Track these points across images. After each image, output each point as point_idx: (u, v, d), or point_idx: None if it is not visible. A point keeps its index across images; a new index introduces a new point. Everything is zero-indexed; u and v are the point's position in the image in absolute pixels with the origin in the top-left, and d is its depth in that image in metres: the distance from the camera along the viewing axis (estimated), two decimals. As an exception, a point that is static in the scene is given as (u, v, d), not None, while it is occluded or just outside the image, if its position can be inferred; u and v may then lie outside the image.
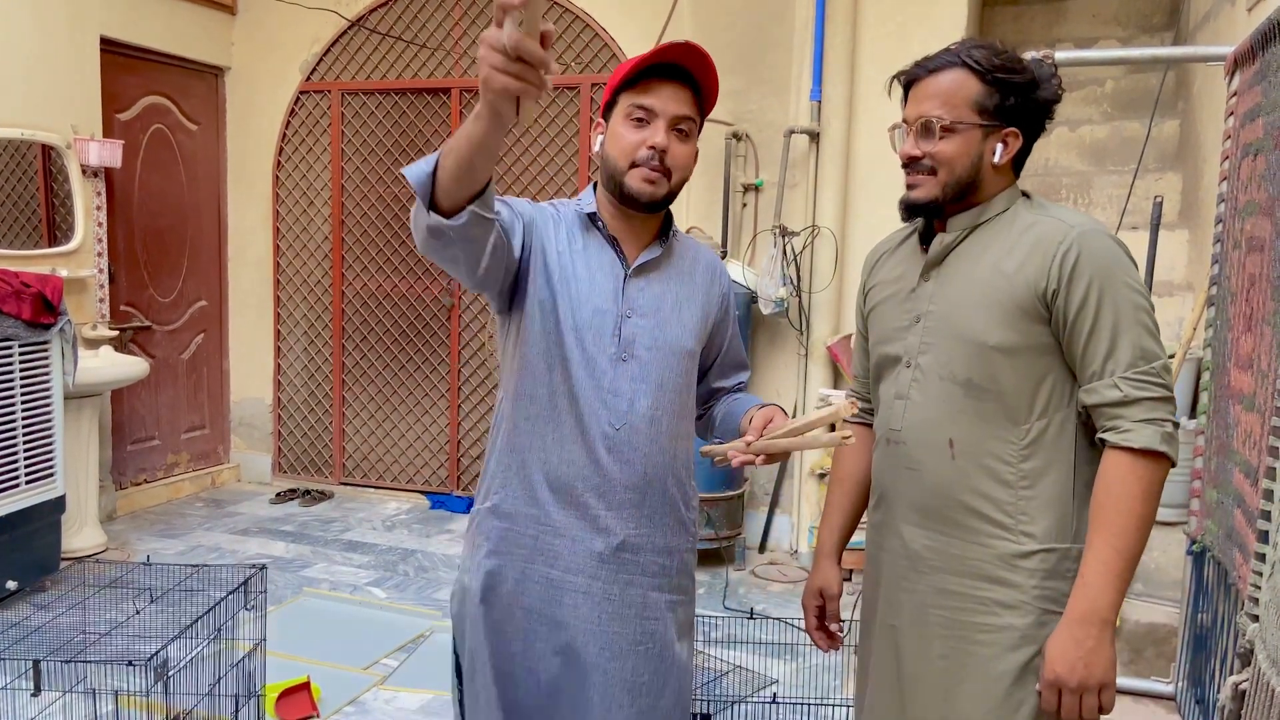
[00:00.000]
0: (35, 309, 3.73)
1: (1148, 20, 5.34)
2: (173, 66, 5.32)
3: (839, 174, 4.52)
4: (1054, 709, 1.47)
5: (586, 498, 1.64)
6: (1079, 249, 1.47)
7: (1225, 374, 2.54)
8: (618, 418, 1.64)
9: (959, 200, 1.58)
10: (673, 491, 1.73)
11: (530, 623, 1.67)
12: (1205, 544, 2.64)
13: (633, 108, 1.61)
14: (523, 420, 1.67)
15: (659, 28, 4.80)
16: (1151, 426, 1.44)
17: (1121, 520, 1.44)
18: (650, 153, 1.59)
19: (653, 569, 1.69)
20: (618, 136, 1.62)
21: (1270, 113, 2.24)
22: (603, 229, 1.69)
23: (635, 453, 1.65)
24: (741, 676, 3.34)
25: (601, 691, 1.65)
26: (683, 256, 1.76)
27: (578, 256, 1.66)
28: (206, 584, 2.83)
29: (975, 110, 1.53)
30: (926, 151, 1.55)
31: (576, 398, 1.63)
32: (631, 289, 1.67)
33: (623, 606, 1.66)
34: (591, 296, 1.65)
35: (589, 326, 1.64)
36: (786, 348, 4.71)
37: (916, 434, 1.61)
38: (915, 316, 1.63)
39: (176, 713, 2.61)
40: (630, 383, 1.65)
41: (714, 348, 1.85)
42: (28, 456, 3.79)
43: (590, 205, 1.70)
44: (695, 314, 1.74)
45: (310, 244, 5.63)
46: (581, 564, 1.65)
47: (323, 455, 5.75)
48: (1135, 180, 3.75)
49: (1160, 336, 1.49)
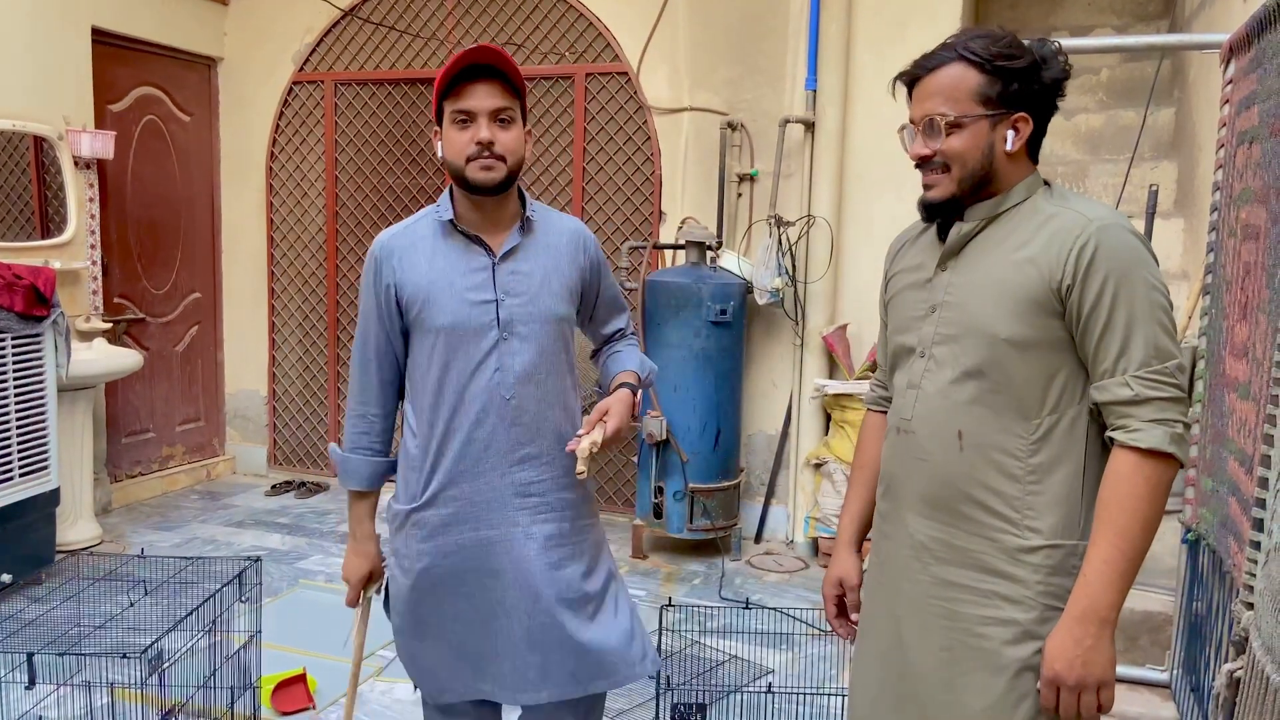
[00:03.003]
0: (28, 301, 3.72)
1: (1143, 8, 5.32)
2: (165, 57, 5.29)
3: (834, 164, 4.51)
4: (1053, 706, 1.47)
5: (496, 460, 1.91)
6: (1096, 243, 1.45)
7: (1220, 362, 2.54)
8: (506, 388, 1.89)
9: (977, 193, 1.56)
10: (565, 434, 1.96)
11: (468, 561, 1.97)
12: (1200, 532, 2.65)
13: (455, 113, 1.85)
14: (423, 417, 1.93)
15: (654, 17, 4.78)
16: (1161, 427, 1.42)
17: (1125, 519, 1.43)
18: (478, 148, 1.83)
19: (558, 504, 1.97)
20: (450, 141, 1.86)
21: (1265, 100, 2.24)
22: (464, 231, 1.91)
23: (527, 412, 1.91)
24: (737, 666, 3.35)
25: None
26: (546, 231, 1.99)
27: (438, 264, 1.90)
28: (201, 576, 2.83)
29: (979, 101, 1.51)
30: (936, 149, 1.54)
31: (465, 384, 1.89)
32: (502, 275, 1.90)
33: (551, 540, 1.96)
34: (459, 294, 1.88)
35: (464, 321, 1.88)
36: (782, 338, 4.71)
37: (926, 424, 1.60)
38: (931, 306, 1.61)
39: (172, 705, 2.60)
40: (513, 357, 1.89)
41: (589, 303, 2.08)
42: (21, 449, 3.78)
43: (448, 212, 1.92)
44: (563, 282, 1.97)
45: (304, 235, 5.61)
46: (505, 515, 1.94)
47: (318, 447, 5.74)
48: (1131, 169, 3.74)
49: (1177, 333, 1.48)
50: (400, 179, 5.39)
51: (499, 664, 1.94)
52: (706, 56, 4.76)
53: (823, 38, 4.47)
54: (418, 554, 1.94)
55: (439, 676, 1.99)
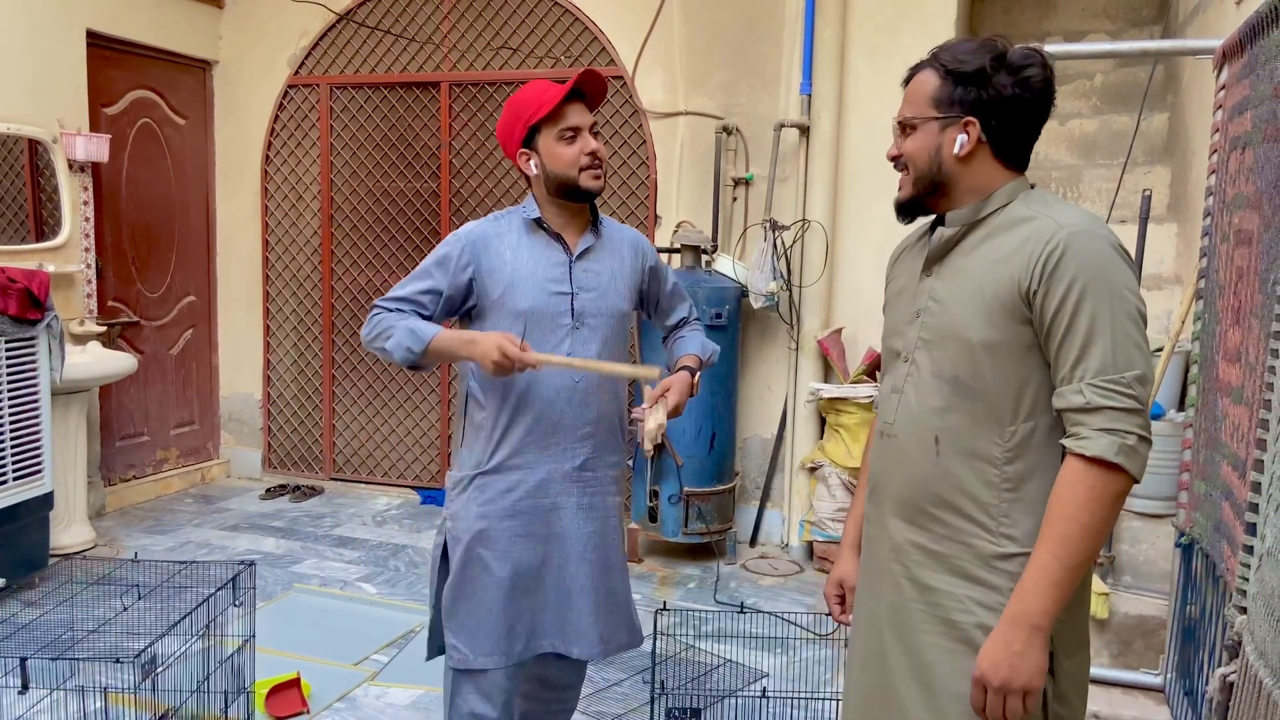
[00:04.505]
0: (21, 304, 3.71)
1: (1137, 14, 5.34)
2: (160, 60, 5.29)
3: (829, 168, 4.52)
4: (980, 707, 1.47)
5: (562, 437, 2.15)
6: (1064, 248, 1.44)
7: (1213, 367, 2.55)
8: (575, 373, 2.12)
9: (932, 195, 1.60)
10: (615, 421, 2.25)
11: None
12: (1193, 536, 2.65)
13: (563, 131, 2.09)
14: (495, 391, 2.13)
15: (649, 21, 4.78)
16: (1110, 437, 1.40)
17: (1064, 528, 1.42)
18: (590, 158, 2.10)
19: (605, 479, 2.24)
20: (559, 155, 2.09)
21: (1258, 106, 2.25)
22: (548, 229, 2.16)
23: (591, 396, 2.16)
24: (732, 670, 3.35)
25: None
26: (611, 238, 2.25)
27: (522, 255, 2.14)
28: (196, 580, 2.82)
29: (931, 104, 1.56)
30: (902, 151, 1.61)
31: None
32: (577, 271, 2.16)
33: (590, 510, 2.22)
34: (540, 284, 2.12)
35: (543, 307, 2.11)
36: (777, 342, 4.71)
37: (906, 429, 1.61)
38: (915, 312, 1.63)
39: (165, 709, 2.60)
40: (583, 345, 2.14)
41: (652, 298, 2.37)
42: (15, 453, 3.77)
43: (534, 212, 2.17)
44: (627, 282, 2.24)
45: (300, 239, 5.61)
46: (564, 488, 2.18)
47: (313, 451, 5.74)
48: (1124, 174, 3.76)
49: (1147, 345, 1.46)
50: (395, 182, 5.39)
51: (561, 620, 2.18)
52: (702, 61, 4.76)
53: (818, 42, 4.48)
54: (477, 516, 2.14)
55: (480, 638, 2.15)
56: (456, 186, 5.28)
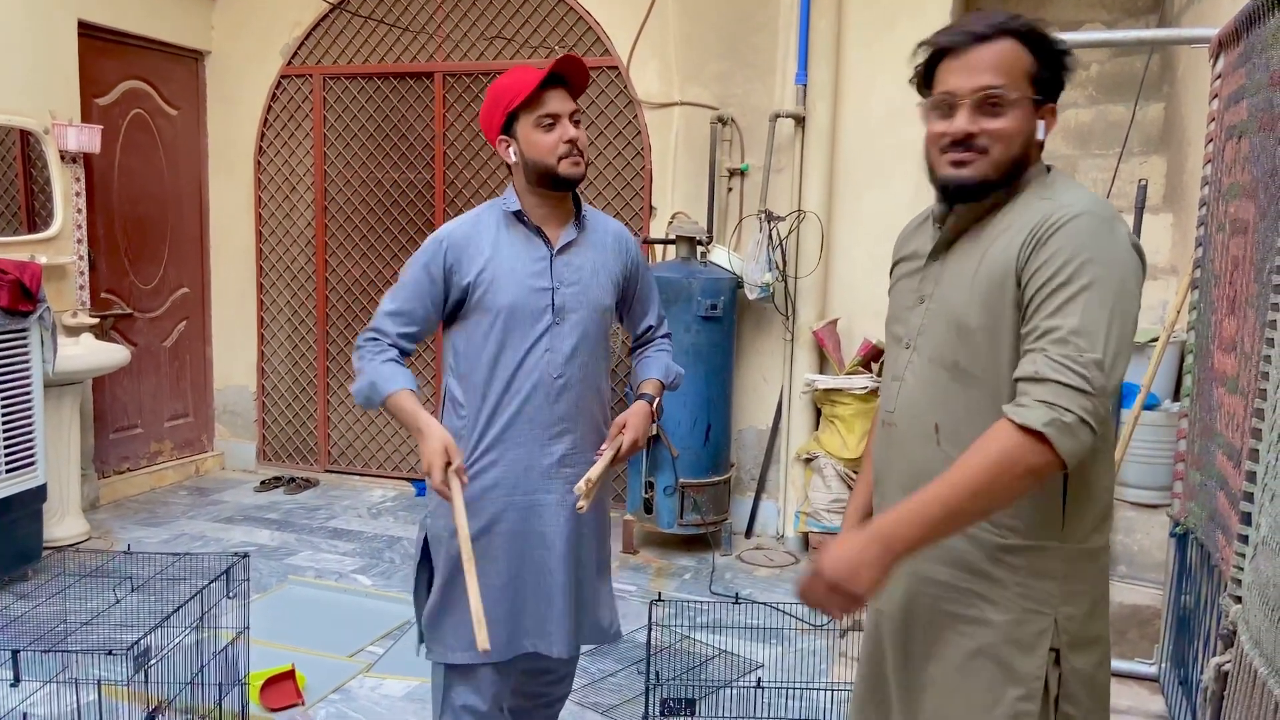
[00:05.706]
0: (13, 296, 3.69)
1: (1132, 3, 5.33)
2: (152, 50, 5.26)
3: (824, 158, 4.51)
4: (804, 587, 1.42)
5: (538, 432, 2.12)
6: (1059, 225, 1.39)
7: (1209, 357, 2.55)
8: (555, 368, 2.11)
9: (1005, 183, 1.47)
10: (596, 414, 2.22)
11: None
12: (1188, 526, 2.66)
13: (541, 118, 2.04)
14: (475, 391, 2.12)
15: (644, 10, 4.76)
16: (1046, 409, 1.31)
17: (961, 476, 1.35)
18: (568, 146, 2.05)
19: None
20: (537, 143, 2.05)
21: (1254, 95, 2.24)
22: (527, 222, 2.12)
23: (570, 390, 2.13)
24: (727, 661, 3.35)
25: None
26: (594, 230, 2.21)
27: (502, 251, 2.11)
28: (189, 572, 2.82)
29: (1030, 84, 1.45)
30: (982, 128, 1.44)
31: (519, 363, 2.09)
32: (558, 266, 2.13)
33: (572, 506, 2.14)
34: (520, 280, 2.09)
35: (523, 304, 2.08)
36: (772, 333, 4.70)
37: (906, 417, 1.57)
38: (919, 297, 1.57)
39: (159, 702, 2.59)
40: (563, 339, 2.11)
41: (628, 296, 2.31)
42: (8, 445, 3.75)
43: (514, 204, 2.12)
44: (609, 276, 2.20)
45: (293, 230, 5.59)
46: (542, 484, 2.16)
47: (308, 443, 5.72)
48: (1120, 164, 3.76)
49: (1123, 334, 1.37)
50: (389, 173, 5.37)
51: (540, 620, 2.16)
52: (697, 51, 4.75)
53: (813, 32, 4.46)
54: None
55: (464, 635, 2.07)
56: (451, 177, 5.26)
